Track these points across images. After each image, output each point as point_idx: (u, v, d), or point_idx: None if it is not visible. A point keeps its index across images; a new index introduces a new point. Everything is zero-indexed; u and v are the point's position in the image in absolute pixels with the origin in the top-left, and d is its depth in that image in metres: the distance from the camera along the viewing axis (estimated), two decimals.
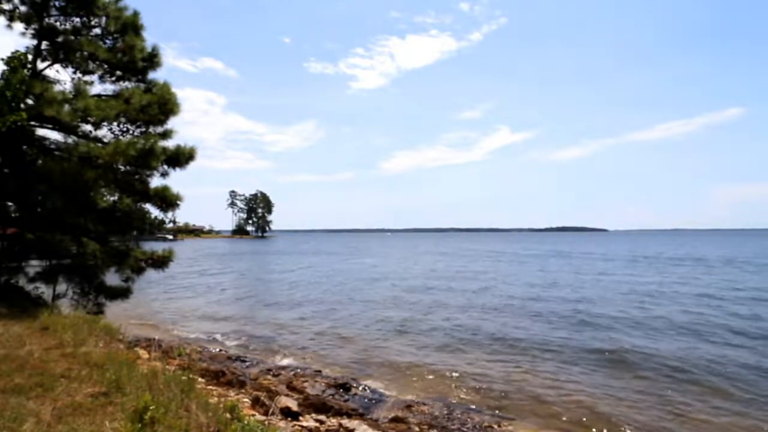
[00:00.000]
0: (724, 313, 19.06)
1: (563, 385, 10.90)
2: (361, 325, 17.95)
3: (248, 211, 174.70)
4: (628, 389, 10.61)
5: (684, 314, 18.93)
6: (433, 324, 17.82)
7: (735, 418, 9.06)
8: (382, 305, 22.58)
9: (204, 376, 10.29)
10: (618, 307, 20.87)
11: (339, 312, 20.83)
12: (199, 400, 5.03)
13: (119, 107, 10.63)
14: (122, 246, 12.16)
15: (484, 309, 20.93)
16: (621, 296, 24.19)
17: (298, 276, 38.14)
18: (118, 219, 11.91)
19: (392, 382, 11.28)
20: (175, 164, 11.47)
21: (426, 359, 13.14)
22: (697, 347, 13.89)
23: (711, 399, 10.00)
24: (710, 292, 25.25)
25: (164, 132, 11.78)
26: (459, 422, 8.76)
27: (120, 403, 4.62)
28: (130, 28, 11.57)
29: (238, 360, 12.95)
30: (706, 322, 17.26)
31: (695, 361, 12.52)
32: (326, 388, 10.47)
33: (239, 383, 10.19)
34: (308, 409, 8.92)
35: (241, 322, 18.90)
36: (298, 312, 20.94)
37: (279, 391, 9.77)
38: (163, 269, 12.40)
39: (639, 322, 17.59)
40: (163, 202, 11.70)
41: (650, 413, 9.27)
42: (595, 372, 11.84)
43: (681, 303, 21.75)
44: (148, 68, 12.09)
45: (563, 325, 17.10)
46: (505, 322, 17.97)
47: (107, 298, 12.27)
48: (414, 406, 9.51)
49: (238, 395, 9.11)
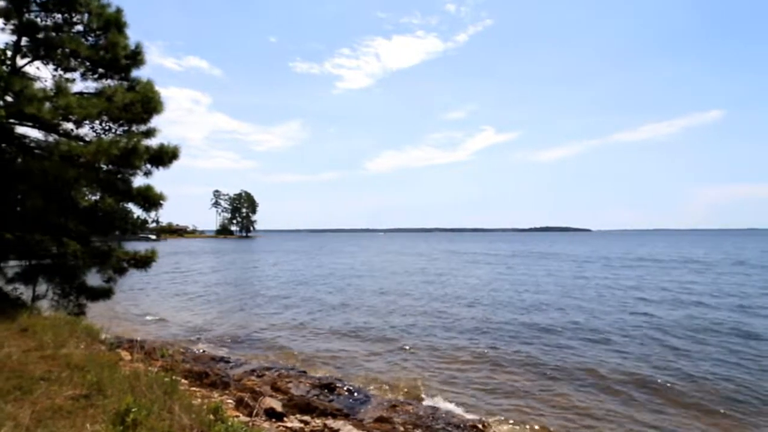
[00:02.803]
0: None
1: (546, 384, 11.01)
2: (345, 325, 17.94)
3: (232, 210, 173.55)
4: (604, 393, 10.76)
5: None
6: (414, 323, 17.88)
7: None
8: (362, 305, 22.61)
9: (187, 377, 10.21)
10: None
11: (322, 312, 20.81)
12: (183, 402, 4.98)
13: (101, 105, 10.48)
14: (104, 246, 12.00)
15: (465, 307, 21.06)
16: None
17: (281, 275, 38.14)
18: (100, 219, 11.76)
19: (377, 382, 11.29)
20: (159, 163, 11.36)
21: (410, 359, 13.18)
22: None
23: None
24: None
25: (147, 131, 11.65)
26: (443, 422, 8.80)
27: (101, 406, 4.56)
28: (112, 25, 11.42)
29: (222, 361, 12.86)
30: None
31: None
32: (311, 388, 10.45)
33: (223, 384, 10.12)
34: (293, 410, 8.90)
35: (225, 322, 18.78)
36: (282, 312, 20.88)
37: (263, 391, 9.72)
38: (145, 269, 12.27)
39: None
40: (146, 202, 11.57)
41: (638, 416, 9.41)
42: (573, 372, 11.98)
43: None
44: (132, 66, 11.94)
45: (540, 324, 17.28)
46: (485, 320, 18.11)
47: (89, 298, 12.10)
48: (398, 406, 9.53)
49: (221, 396, 9.05)
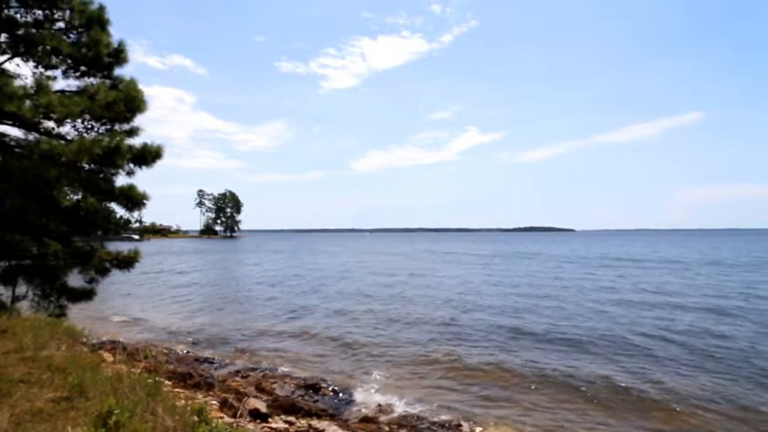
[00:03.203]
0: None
1: (530, 383, 11.10)
2: (330, 326, 17.91)
3: (217, 210, 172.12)
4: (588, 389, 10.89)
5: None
6: (398, 322, 17.92)
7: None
8: (346, 305, 22.61)
9: (171, 378, 10.12)
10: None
11: (307, 313, 20.75)
12: (166, 403, 4.94)
13: (84, 104, 10.34)
14: (86, 246, 11.84)
15: (447, 307, 21.15)
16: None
17: (265, 275, 38.07)
18: (81, 218, 11.60)
19: (362, 383, 11.29)
20: (142, 163, 11.24)
21: (394, 359, 13.21)
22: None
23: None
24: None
25: (130, 130, 11.52)
26: (428, 421, 8.85)
27: (83, 408, 4.51)
28: (95, 22, 11.27)
29: (206, 362, 12.78)
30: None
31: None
32: (295, 389, 10.43)
33: (207, 385, 10.06)
34: (277, 411, 8.87)
35: (210, 323, 18.63)
36: (266, 313, 20.79)
37: (248, 392, 9.69)
38: (128, 270, 12.14)
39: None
40: (128, 202, 11.44)
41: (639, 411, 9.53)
42: (551, 374, 12.09)
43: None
44: (114, 64, 11.80)
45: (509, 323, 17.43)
46: (463, 321, 18.21)
47: (70, 299, 11.93)
48: (384, 406, 9.56)
49: (205, 397, 8.99)
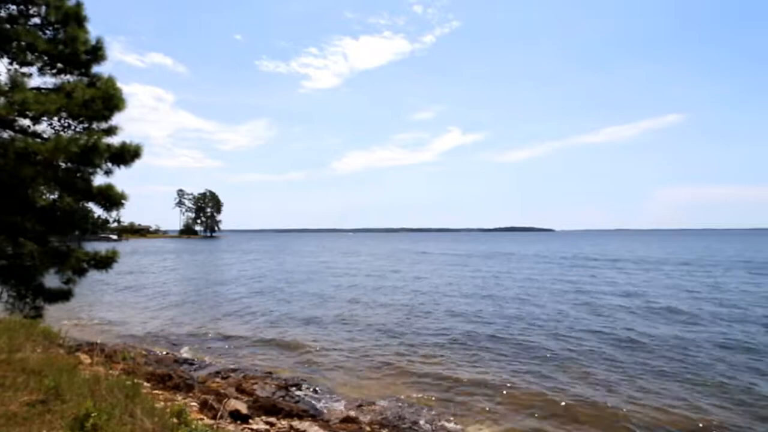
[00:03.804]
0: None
1: (511, 381, 11.21)
2: (310, 325, 17.88)
3: (197, 210, 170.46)
4: (574, 383, 11.04)
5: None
6: (377, 323, 17.97)
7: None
8: (325, 306, 22.62)
9: (150, 380, 10.00)
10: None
11: (286, 313, 20.68)
12: (145, 405, 4.91)
13: (60, 101, 10.17)
14: (63, 246, 11.64)
15: (424, 309, 21.26)
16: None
17: (244, 275, 37.95)
18: (58, 218, 11.41)
19: (343, 383, 11.30)
20: (120, 162, 11.10)
21: (376, 359, 13.23)
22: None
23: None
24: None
25: (109, 128, 11.35)
26: (410, 421, 8.89)
27: (59, 411, 4.45)
28: (72, 18, 11.09)
29: (186, 363, 12.66)
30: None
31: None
32: (276, 389, 10.40)
33: (187, 387, 9.96)
34: (258, 412, 8.83)
35: (189, 324, 18.46)
36: (245, 313, 20.66)
37: (228, 393, 9.62)
38: (106, 270, 11.96)
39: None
40: (106, 201, 11.29)
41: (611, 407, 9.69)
42: (540, 366, 12.24)
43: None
44: (92, 61, 11.62)
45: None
46: (444, 319, 18.33)
47: (46, 300, 11.72)
48: (365, 406, 9.58)
49: (185, 399, 8.92)
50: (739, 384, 10.80)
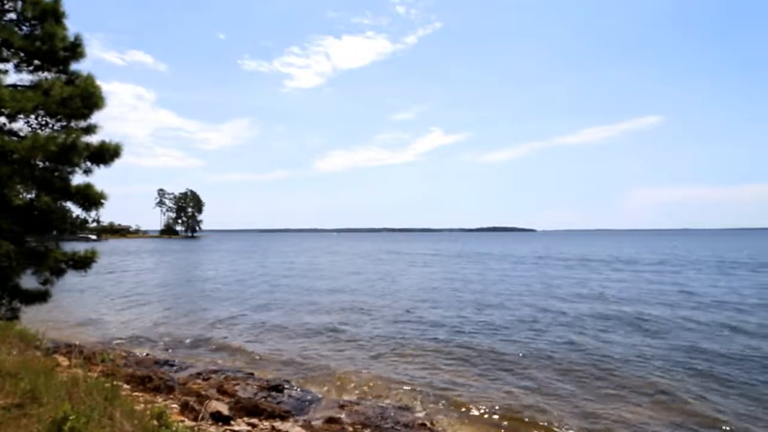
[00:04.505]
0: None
1: (491, 382, 11.31)
2: (291, 325, 17.80)
3: (177, 210, 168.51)
4: (565, 385, 11.18)
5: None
6: (357, 321, 17.98)
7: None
8: (304, 303, 22.62)
9: (129, 382, 9.89)
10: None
11: (267, 313, 20.61)
12: (124, 408, 4.85)
13: (37, 99, 10.00)
14: (40, 246, 11.43)
15: (402, 304, 21.35)
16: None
17: (225, 276, 37.81)
18: (35, 218, 11.20)
19: (325, 383, 11.29)
20: (100, 161, 10.95)
21: (357, 358, 13.25)
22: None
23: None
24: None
25: (88, 127, 11.19)
26: (392, 421, 8.91)
27: (36, 415, 4.38)
28: (49, 14, 10.90)
29: (166, 364, 12.53)
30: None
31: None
32: (258, 390, 10.34)
33: (167, 388, 9.86)
34: (240, 413, 8.78)
35: (169, 324, 18.27)
36: (227, 313, 20.50)
37: (209, 395, 9.55)
38: (85, 271, 11.78)
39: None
40: (85, 201, 11.12)
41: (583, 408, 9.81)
42: (524, 370, 12.37)
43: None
44: (70, 59, 11.43)
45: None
46: (423, 319, 18.43)
47: (23, 302, 11.49)
48: (347, 406, 9.58)
49: (166, 401, 8.83)
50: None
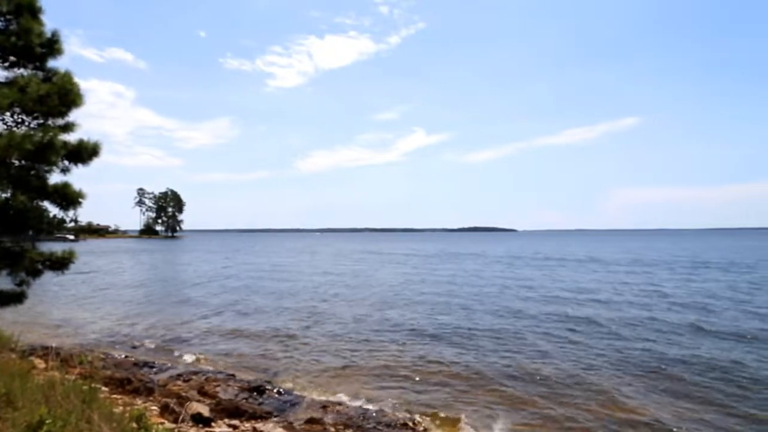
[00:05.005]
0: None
1: (474, 378, 11.38)
2: (271, 327, 17.72)
3: (157, 210, 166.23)
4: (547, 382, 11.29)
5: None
6: (334, 322, 17.97)
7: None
8: (283, 305, 22.59)
9: (108, 384, 9.76)
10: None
11: (248, 314, 20.51)
12: (102, 411, 4.80)
13: (13, 96, 9.75)
14: (16, 247, 11.19)
15: (383, 305, 21.40)
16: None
17: (205, 274, 37.63)
18: (11, 217, 10.95)
19: (307, 383, 11.26)
20: (78, 160, 10.72)
21: (338, 359, 13.23)
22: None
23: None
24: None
25: (65, 125, 10.94)
26: (374, 421, 8.93)
27: (11, 419, 4.30)
28: (25, 9, 10.62)
29: (146, 366, 12.39)
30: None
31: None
32: (239, 391, 10.28)
33: (147, 390, 9.76)
34: (221, 415, 8.72)
35: (149, 326, 18.04)
36: (207, 315, 20.34)
37: (190, 396, 9.47)
38: (63, 271, 11.55)
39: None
40: (63, 200, 10.89)
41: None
42: (497, 368, 12.46)
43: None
44: (48, 55, 11.17)
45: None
46: (404, 314, 18.49)
47: None
48: (329, 407, 9.58)
49: (145, 403, 8.74)
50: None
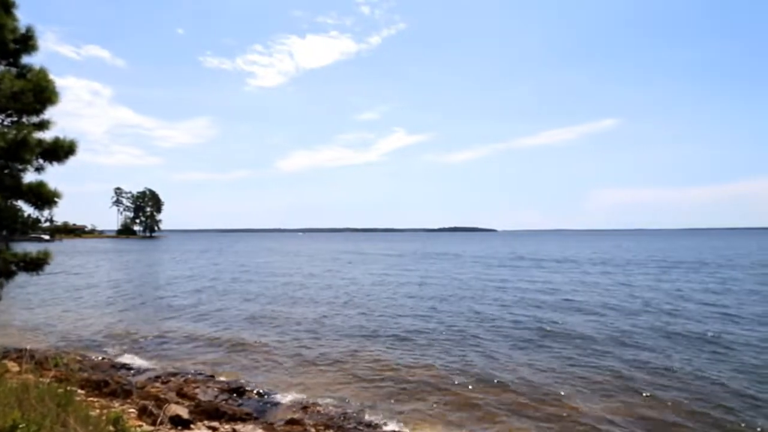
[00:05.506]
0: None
1: (454, 378, 11.45)
2: (246, 327, 17.63)
3: (135, 209, 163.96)
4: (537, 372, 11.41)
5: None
6: (319, 324, 17.94)
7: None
8: (260, 306, 22.48)
9: (84, 387, 9.61)
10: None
11: (226, 315, 20.30)
12: (78, 414, 4.73)
13: None
14: None
15: (357, 304, 21.44)
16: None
17: (182, 275, 37.37)
18: None
19: (287, 384, 11.22)
20: (53, 158, 10.54)
21: (318, 359, 13.21)
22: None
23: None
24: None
25: (41, 122, 10.75)
26: (355, 421, 8.94)
27: None
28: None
29: (124, 368, 12.23)
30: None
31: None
32: (219, 393, 10.21)
33: (124, 392, 9.62)
34: (200, 416, 8.65)
35: (126, 327, 17.74)
36: (186, 316, 20.10)
37: (168, 398, 9.37)
38: (38, 272, 11.35)
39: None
40: (38, 199, 10.69)
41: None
42: (466, 368, 12.56)
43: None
44: (22, 51, 10.95)
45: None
46: (387, 314, 18.54)
47: None
48: (310, 407, 9.56)
49: (123, 406, 8.63)
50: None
